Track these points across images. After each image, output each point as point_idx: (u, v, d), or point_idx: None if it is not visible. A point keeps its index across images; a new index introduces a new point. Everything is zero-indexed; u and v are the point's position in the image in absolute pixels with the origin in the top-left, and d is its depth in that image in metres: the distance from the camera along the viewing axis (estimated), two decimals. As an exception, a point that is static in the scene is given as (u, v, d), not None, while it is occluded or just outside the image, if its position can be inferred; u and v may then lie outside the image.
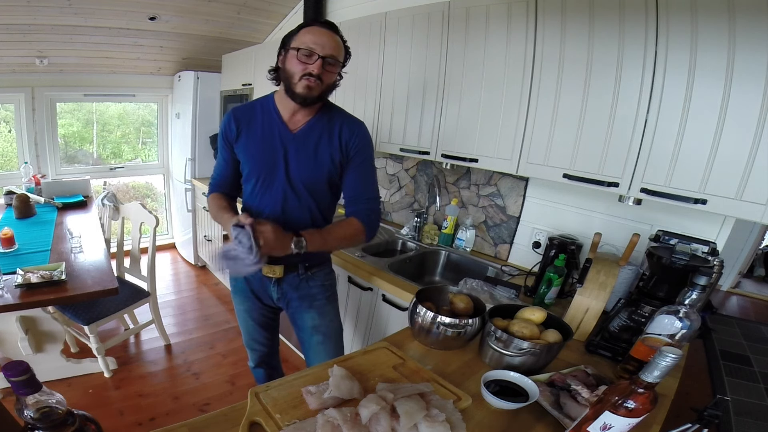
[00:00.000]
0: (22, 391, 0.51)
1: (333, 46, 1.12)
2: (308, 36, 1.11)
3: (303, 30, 1.14)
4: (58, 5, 2.50)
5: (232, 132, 1.27)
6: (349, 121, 1.28)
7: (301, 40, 1.11)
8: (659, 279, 1.27)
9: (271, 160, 1.24)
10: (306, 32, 1.12)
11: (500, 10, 1.53)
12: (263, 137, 1.24)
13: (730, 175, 1.14)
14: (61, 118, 3.46)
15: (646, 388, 0.67)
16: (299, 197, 1.26)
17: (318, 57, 1.10)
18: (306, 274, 1.36)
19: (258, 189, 1.28)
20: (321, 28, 1.13)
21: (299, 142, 1.23)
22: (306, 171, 1.25)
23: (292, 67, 1.13)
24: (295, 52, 1.11)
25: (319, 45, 1.10)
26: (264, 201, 1.28)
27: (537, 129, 1.51)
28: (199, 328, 2.84)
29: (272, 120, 1.24)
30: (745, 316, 4.12)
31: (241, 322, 1.53)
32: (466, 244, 2.08)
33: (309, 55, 1.10)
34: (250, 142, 1.25)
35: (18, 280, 1.61)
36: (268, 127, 1.24)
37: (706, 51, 1.12)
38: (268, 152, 1.24)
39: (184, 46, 3.33)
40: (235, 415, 0.81)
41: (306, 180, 1.25)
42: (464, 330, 1.09)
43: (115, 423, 1.90)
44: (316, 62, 1.10)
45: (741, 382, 2.84)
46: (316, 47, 1.10)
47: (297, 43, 1.12)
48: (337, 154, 1.25)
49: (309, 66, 1.11)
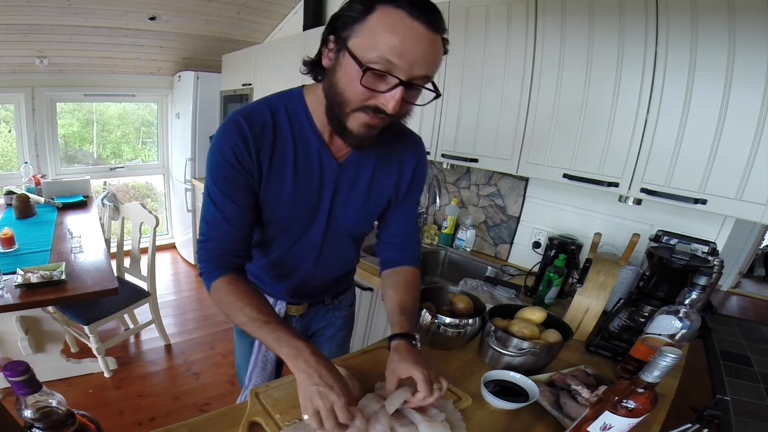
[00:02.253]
0: (22, 391, 0.51)
1: (431, 57, 0.66)
2: (388, 34, 0.62)
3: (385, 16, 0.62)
4: (58, 5, 2.50)
5: (249, 158, 0.77)
6: (411, 142, 0.93)
7: (375, 39, 0.63)
8: (659, 279, 1.27)
9: (310, 206, 0.86)
10: (391, 25, 0.62)
11: (500, 10, 1.53)
12: (298, 170, 0.81)
13: (730, 175, 1.14)
14: (61, 118, 3.46)
15: (646, 388, 0.67)
16: (339, 247, 0.96)
17: (399, 83, 0.65)
18: (333, 303, 1.15)
19: (280, 241, 0.91)
20: (420, 24, 0.62)
21: (347, 176, 0.86)
22: (355, 218, 0.92)
23: (348, 89, 0.68)
24: (359, 67, 0.64)
25: (408, 58, 0.63)
26: (288, 257, 0.94)
27: (537, 129, 1.51)
28: (199, 328, 2.84)
29: (308, 141, 0.81)
30: (745, 316, 4.12)
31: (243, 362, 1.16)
32: (466, 244, 2.08)
33: (382, 76, 0.65)
34: (279, 177, 0.81)
35: (18, 280, 1.61)
36: (304, 154, 0.81)
37: (706, 51, 1.12)
38: (308, 194, 0.84)
39: (184, 46, 3.33)
40: (235, 415, 0.81)
41: (354, 229, 0.95)
42: (464, 330, 1.09)
43: (115, 423, 1.90)
44: (394, 91, 0.65)
45: (741, 382, 2.83)
46: (400, 64, 0.63)
47: (364, 46, 0.64)
48: (392, 190, 0.92)
49: (378, 97, 0.67)
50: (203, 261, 0.84)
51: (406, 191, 0.95)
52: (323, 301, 1.13)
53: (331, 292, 1.14)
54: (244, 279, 0.85)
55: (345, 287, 1.18)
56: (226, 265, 0.83)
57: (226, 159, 0.77)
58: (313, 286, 1.06)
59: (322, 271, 1.00)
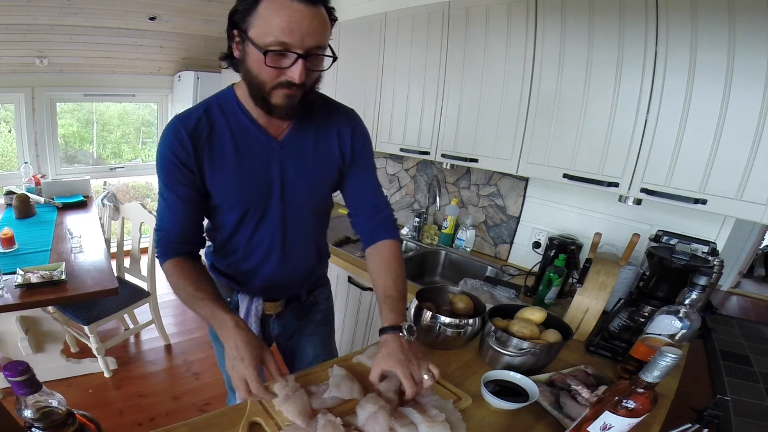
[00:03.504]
0: (22, 391, 0.51)
1: (317, 28, 0.75)
2: (276, 18, 0.71)
3: (270, 2, 0.72)
4: (58, 5, 2.50)
5: (186, 156, 0.86)
6: (343, 112, 1.01)
7: (267, 25, 0.72)
8: (659, 279, 1.27)
9: (261, 186, 0.93)
10: (276, 10, 0.71)
11: (500, 10, 1.53)
12: (240, 155, 0.89)
13: (730, 175, 1.14)
14: (61, 118, 3.45)
15: (646, 388, 0.67)
16: (303, 224, 1.01)
17: (297, 57, 0.75)
18: (308, 299, 1.17)
19: (243, 228, 0.97)
20: (300, 3, 0.72)
21: (290, 152, 0.93)
22: (309, 189, 0.98)
23: (259, 72, 0.77)
24: (260, 52, 0.74)
25: (297, 34, 0.72)
26: (255, 242, 0.99)
27: (537, 128, 1.51)
28: (199, 328, 2.84)
29: (245, 128, 0.90)
30: (745, 316, 4.12)
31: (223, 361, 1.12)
32: (466, 244, 2.08)
33: (283, 54, 0.75)
34: (222, 166, 0.89)
35: (18, 280, 1.61)
36: (243, 140, 0.89)
37: (706, 51, 1.12)
38: (253, 176, 0.91)
39: (184, 46, 3.33)
40: (235, 415, 0.81)
41: (312, 201, 1.00)
42: (464, 330, 1.09)
43: (115, 423, 1.90)
44: (295, 65, 0.75)
45: (741, 382, 2.83)
46: (292, 41, 0.73)
47: (260, 33, 0.73)
48: (338, 158, 0.99)
49: (285, 72, 0.77)
50: (157, 247, 0.95)
51: (351, 157, 1.00)
52: (299, 298, 1.15)
53: (306, 287, 1.15)
54: (190, 262, 0.94)
55: (320, 282, 1.21)
56: (174, 251, 0.93)
57: (167, 158, 0.87)
58: (286, 275, 1.07)
59: (292, 256, 1.04)
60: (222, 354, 1.10)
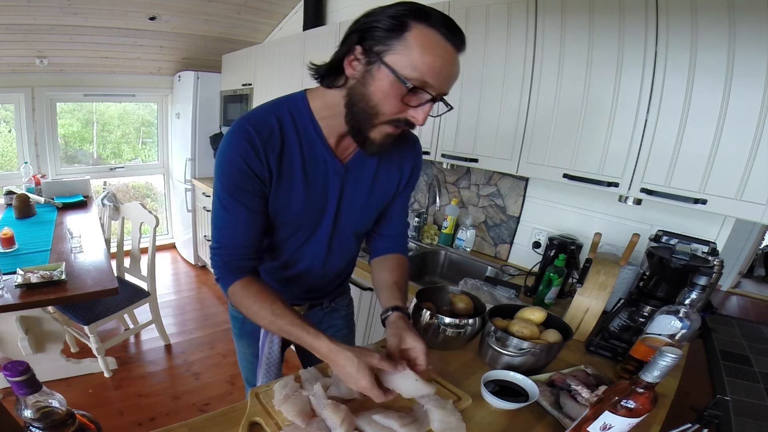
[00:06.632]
0: (22, 391, 0.51)
1: (455, 78, 0.74)
2: (429, 56, 0.66)
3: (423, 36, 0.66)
4: (58, 5, 2.50)
5: (259, 164, 0.78)
6: (409, 142, 0.95)
7: (416, 59, 0.66)
8: (659, 279, 1.27)
9: (318, 206, 0.88)
10: (430, 47, 0.66)
11: (500, 10, 1.53)
12: (306, 173, 0.83)
13: (730, 175, 1.14)
14: (61, 118, 3.46)
15: (646, 388, 0.67)
16: (347, 244, 1.00)
17: (431, 99, 0.71)
18: (330, 306, 1.17)
19: (288, 244, 0.93)
20: (452, 47, 0.69)
21: (352, 176, 0.88)
22: (360, 216, 0.95)
23: (382, 102, 0.70)
24: (401, 83, 0.67)
25: (443, 78, 0.69)
26: (296, 258, 0.96)
27: (537, 129, 1.51)
28: (199, 328, 2.84)
29: (314, 144, 0.83)
30: (745, 316, 4.12)
31: (246, 364, 1.20)
32: (466, 244, 2.08)
33: (416, 92, 0.69)
34: (289, 182, 0.83)
35: (18, 280, 1.61)
36: (310, 157, 0.83)
37: (706, 51, 1.12)
38: (314, 195, 0.86)
39: (184, 46, 3.33)
40: (235, 415, 0.81)
41: (359, 226, 0.98)
42: (464, 330, 1.09)
43: (115, 423, 1.90)
44: (425, 106, 0.71)
45: (741, 382, 2.84)
46: (435, 83, 0.69)
47: (405, 64, 0.66)
48: (394, 189, 0.96)
49: (412, 112, 0.71)
50: (217, 267, 0.86)
51: (403, 187, 0.99)
52: (321, 304, 1.14)
53: (330, 295, 1.15)
54: (258, 281, 0.86)
55: (343, 290, 1.20)
56: (240, 270, 0.85)
57: (236, 165, 0.77)
58: (319, 284, 1.08)
59: (328, 269, 1.02)
60: (242, 352, 1.20)
